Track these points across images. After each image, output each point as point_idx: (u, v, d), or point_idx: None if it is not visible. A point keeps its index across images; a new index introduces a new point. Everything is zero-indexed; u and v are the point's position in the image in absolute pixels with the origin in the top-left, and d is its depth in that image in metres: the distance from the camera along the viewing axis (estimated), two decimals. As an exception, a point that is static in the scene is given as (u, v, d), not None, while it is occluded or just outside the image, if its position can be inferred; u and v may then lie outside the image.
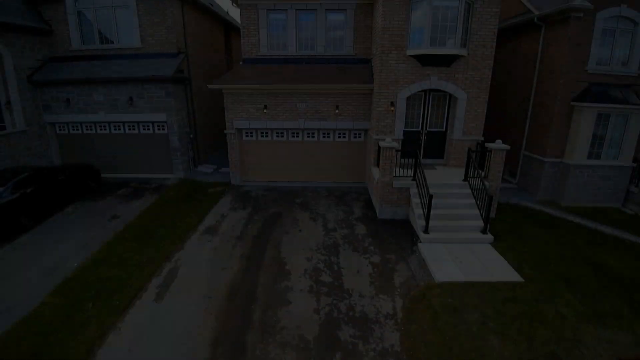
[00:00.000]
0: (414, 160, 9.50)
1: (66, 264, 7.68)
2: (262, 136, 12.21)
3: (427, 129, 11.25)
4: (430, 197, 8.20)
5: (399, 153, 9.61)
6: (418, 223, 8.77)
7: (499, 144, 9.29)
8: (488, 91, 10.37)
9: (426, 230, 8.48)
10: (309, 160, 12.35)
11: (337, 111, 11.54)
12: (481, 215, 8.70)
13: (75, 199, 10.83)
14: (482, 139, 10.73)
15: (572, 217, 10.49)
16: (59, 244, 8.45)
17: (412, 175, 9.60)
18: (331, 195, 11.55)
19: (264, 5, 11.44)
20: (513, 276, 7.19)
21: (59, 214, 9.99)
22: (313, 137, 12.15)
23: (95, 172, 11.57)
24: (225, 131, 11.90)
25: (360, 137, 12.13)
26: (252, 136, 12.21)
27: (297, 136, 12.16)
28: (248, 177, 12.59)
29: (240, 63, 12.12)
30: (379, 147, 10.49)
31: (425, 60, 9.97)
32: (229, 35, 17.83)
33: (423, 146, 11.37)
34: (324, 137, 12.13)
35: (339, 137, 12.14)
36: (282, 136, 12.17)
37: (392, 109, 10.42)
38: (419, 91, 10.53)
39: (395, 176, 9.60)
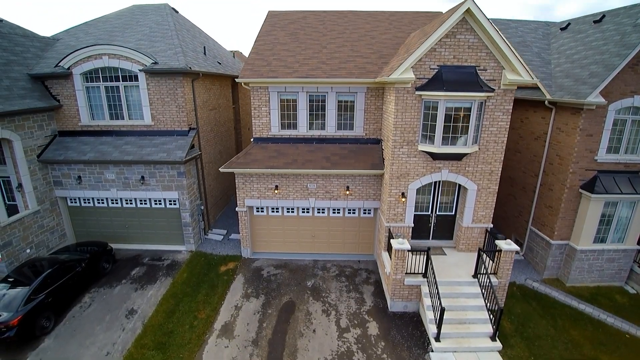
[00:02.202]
0: (425, 255, 9.72)
1: (91, 382, 7.94)
2: (272, 212, 12.34)
3: (437, 212, 11.41)
4: (443, 310, 8.44)
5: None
6: (429, 327, 9.04)
7: (509, 245, 9.48)
8: (498, 182, 10.49)
9: (437, 338, 8.75)
10: (319, 235, 12.53)
11: (347, 192, 11.66)
12: (490, 319, 8.98)
13: (91, 283, 11.02)
14: (492, 225, 10.93)
15: (576, 302, 10.78)
16: (83, 351, 8.68)
17: (422, 271, 9.83)
18: (342, 274, 11.78)
19: (275, 88, 11.40)
20: (522, 401, 7.52)
21: (77, 306, 10.19)
22: (323, 212, 12.29)
23: (108, 252, 11.71)
24: (236, 209, 12.03)
25: (370, 214, 12.28)
26: (263, 212, 12.35)
27: (308, 212, 12.30)
28: (259, 249, 12.80)
29: (252, 140, 12.13)
30: (390, 232, 10.80)
31: (437, 155, 10.05)
32: (235, 86, 17.69)
33: (433, 228, 11.55)
34: (334, 213, 12.28)
35: (349, 213, 12.29)
36: (293, 212, 12.30)
37: (403, 199, 10.55)
38: (430, 181, 10.66)
39: (406, 273, 9.83)
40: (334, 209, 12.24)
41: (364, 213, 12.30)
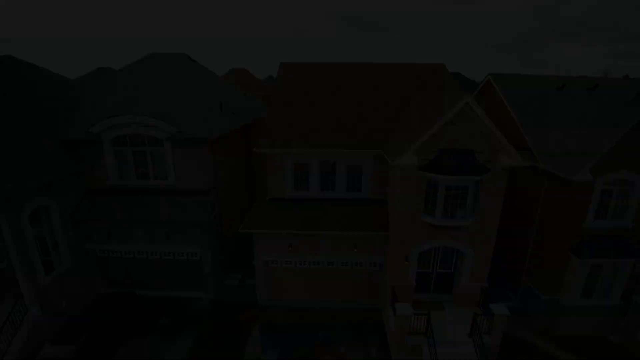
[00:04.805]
0: (427, 317, 10.80)
1: None
2: (286, 264, 13.40)
3: (437, 270, 12.46)
4: (441, 375, 9.55)
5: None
6: (429, 387, 10.17)
7: (502, 309, 10.55)
8: (492, 247, 11.51)
9: (436, 399, 9.88)
10: (329, 284, 13.58)
11: (355, 250, 12.70)
12: (484, 381, 10.09)
13: (124, 336, 12.07)
14: (487, 284, 11.98)
15: (564, 354, 11.85)
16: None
17: (424, 330, 10.91)
18: (349, 326, 12.83)
19: (290, 157, 12.38)
20: None
21: (114, 362, 11.31)
22: (333, 265, 13.34)
23: (137, 304, 12.81)
24: (253, 262, 13.10)
25: (376, 266, 13.32)
26: (277, 264, 13.41)
27: (318, 264, 13.34)
28: (273, 297, 13.88)
29: (267, 200, 13.14)
30: (394, 291, 11.85)
31: (438, 226, 11.05)
32: (248, 127, 18.61)
33: (433, 285, 12.62)
34: (342, 265, 13.32)
35: (357, 265, 13.33)
36: (305, 265, 13.36)
37: (407, 263, 11.58)
38: (431, 245, 11.68)
39: (409, 332, 10.90)
40: (342, 263, 13.29)
41: (371, 266, 13.34)
